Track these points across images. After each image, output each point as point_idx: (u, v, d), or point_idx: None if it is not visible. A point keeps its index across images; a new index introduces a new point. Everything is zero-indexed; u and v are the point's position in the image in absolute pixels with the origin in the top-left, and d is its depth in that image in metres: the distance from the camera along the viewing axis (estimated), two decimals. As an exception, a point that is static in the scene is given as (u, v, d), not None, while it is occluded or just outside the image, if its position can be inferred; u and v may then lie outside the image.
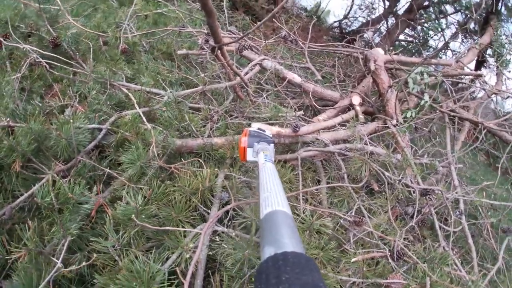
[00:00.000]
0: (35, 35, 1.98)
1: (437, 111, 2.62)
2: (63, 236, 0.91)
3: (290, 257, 0.45)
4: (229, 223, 1.31)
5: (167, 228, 0.96)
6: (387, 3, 6.06)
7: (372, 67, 2.33)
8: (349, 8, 6.66)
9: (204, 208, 1.28)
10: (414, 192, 1.84)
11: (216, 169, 1.45)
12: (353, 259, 1.21)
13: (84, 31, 2.03)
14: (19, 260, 0.93)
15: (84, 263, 0.91)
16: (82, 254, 1.01)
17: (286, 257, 0.45)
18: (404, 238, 1.56)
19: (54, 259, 0.92)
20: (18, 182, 1.12)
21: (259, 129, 1.22)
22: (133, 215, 0.88)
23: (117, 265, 0.90)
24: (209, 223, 0.95)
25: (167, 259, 1.01)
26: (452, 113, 2.67)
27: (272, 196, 0.63)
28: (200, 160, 1.41)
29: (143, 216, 0.95)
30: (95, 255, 0.91)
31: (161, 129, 1.53)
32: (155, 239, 1.07)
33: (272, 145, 1.15)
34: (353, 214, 1.56)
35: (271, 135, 1.21)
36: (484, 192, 2.32)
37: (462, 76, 3.14)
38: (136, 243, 0.97)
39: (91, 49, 1.98)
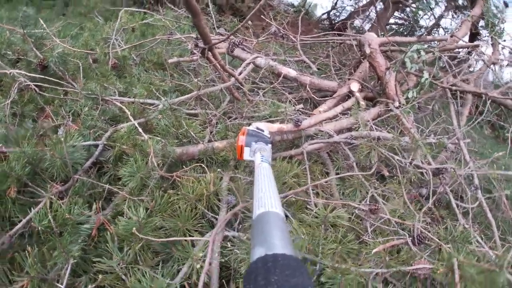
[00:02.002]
0: (23, 61, 1.95)
1: (439, 87, 2.55)
2: (66, 260, 0.86)
3: (280, 259, 0.45)
4: (239, 227, 1.25)
5: (172, 239, 0.90)
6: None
7: (368, 51, 2.27)
8: (336, -2, 6.59)
9: (212, 214, 1.22)
10: (426, 172, 1.78)
11: (219, 171, 1.40)
12: (374, 250, 1.15)
13: (72, 51, 2.00)
14: (23, 290, 0.88)
15: (90, 286, 0.86)
16: (88, 276, 0.95)
17: (276, 258, 0.45)
18: (422, 221, 1.50)
19: (59, 284, 0.87)
20: (16, 208, 1.07)
21: (257, 128, 1.21)
22: (135, 229, 0.83)
23: (124, 285, 0.84)
24: (216, 229, 0.90)
25: (178, 271, 0.95)
26: (454, 88, 2.59)
27: (266, 197, 0.64)
28: (203, 166, 1.36)
29: (147, 229, 0.90)
30: (100, 276, 0.86)
31: (158, 138, 1.48)
32: (163, 252, 1.01)
33: (269, 145, 1.14)
34: (367, 202, 1.49)
35: (269, 136, 1.21)
36: (494, 165, 2.25)
37: (459, 50, 3.08)
38: (143, 259, 0.92)
39: (81, 67, 1.95)
